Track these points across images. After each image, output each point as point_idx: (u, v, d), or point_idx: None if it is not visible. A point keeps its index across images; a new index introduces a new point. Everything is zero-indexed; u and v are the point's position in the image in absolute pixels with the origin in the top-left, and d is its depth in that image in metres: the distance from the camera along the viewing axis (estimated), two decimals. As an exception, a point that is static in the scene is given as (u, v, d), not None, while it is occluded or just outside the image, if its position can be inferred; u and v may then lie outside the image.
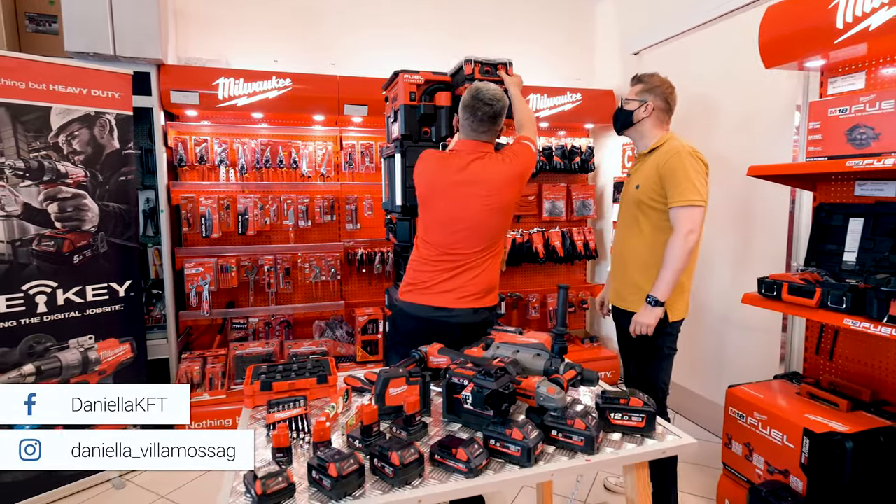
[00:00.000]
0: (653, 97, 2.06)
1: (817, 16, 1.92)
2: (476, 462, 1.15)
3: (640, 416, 1.32)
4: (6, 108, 2.21)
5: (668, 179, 1.93)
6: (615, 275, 2.22)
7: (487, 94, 1.85)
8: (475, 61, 2.38)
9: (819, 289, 1.87)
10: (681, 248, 1.89)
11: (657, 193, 1.97)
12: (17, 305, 2.26)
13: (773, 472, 1.97)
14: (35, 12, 2.80)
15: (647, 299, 1.96)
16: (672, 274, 1.91)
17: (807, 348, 2.36)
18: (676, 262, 1.90)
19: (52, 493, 2.39)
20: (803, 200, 2.42)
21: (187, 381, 3.09)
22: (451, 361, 1.60)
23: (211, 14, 3.35)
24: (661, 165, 1.95)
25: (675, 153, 1.93)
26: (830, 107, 1.93)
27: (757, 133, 2.74)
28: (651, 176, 1.99)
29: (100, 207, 2.51)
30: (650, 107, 2.06)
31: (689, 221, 1.89)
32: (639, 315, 1.99)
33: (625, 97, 2.14)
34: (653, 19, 3.45)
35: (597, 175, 4.13)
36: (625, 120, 2.12)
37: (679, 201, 1.90)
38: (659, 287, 1.93)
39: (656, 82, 2.09)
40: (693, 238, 1.89)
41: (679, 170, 1.90)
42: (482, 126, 1.88)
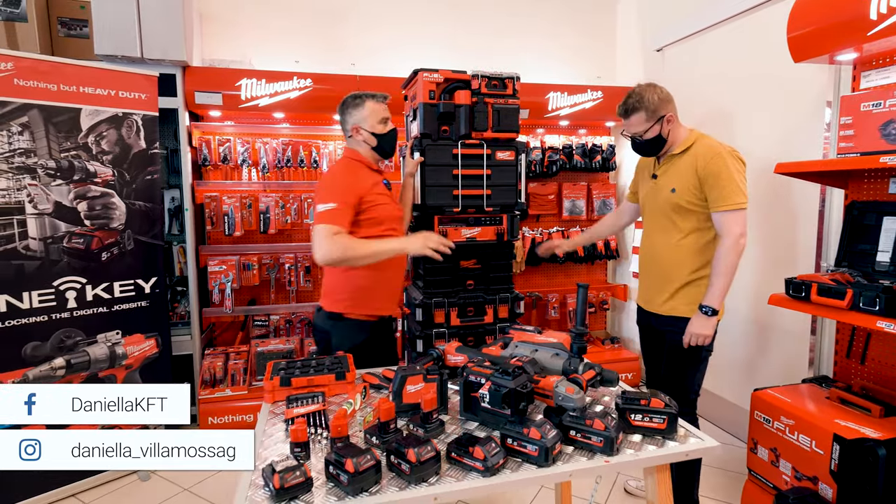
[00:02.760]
0: (663, 109, 1.96)
1: (849, 7, 1.86)
2: (493, 461, 1.14)
3: (662, 417, 1.30)
4: (39, 110, 2.28)
5: (711, 182, 1.87)
6: (647, 281, 2.16)
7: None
8: (482, 76, 2.39)
9: (850, 290, 1.81)
10: (733, 253, 1.86)
11: (696, 196, 1.92)
12: (48, 301, 2.33)
13: (800, 479, 1.91)
14: (67, 17, 2.88)
15: (703, 309, 1.92)
16: (726, 281, 1.89)
17: (837, 351, 2.28)
18: (730, 268, 1.87)
19: (82, 483, 2.46)
20: (833, 198, 2.34)
21: (210, 376, 3.15)
22: (468, 360, 1.60)
23: (234, 16, 3.41)
24: (701, 168, 1.89)
25: (715, 155, 1.88)
26: (863, 101, 1.86)
27: (784, 130, 2.67)
28: (688, 178, 1.93)
29: (126, 206, 2.58)
30: (671, 117, 1.98)
31: (738, 225, 1.86)
32: (695, 326, 1.93)
33: (637, 132, 1.99)
34: (675, 15, 3.38)
35: (618, 174, 4.07)
36: (658, 144, 2.01)
37: (725, 205, 1.86)
38: (713, 295, 1.90)
39: (652, 96, 1.95)
40: (744, 242, 1.87)
41: (723, 172, 1.85)
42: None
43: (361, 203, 1.90)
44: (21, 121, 2.24)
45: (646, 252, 2.17)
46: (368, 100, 2.02)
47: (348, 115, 2.04)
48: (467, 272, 2.55)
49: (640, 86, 1.99)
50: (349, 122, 2.04)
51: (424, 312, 2.46)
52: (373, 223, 1.93)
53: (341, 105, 2.07)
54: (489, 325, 2.56)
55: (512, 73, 2.45)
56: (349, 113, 2.03)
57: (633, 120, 1.98)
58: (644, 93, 1.95)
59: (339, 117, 2.08)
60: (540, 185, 3.83)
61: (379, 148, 2.06)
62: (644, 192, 2.17)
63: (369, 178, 1.99)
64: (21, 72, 2.22)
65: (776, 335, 2.77)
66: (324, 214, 1.82)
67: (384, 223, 1.97)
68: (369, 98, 2.03)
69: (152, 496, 2.47)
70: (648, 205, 2.14)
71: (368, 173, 2.02)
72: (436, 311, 2.46)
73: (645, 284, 2.19)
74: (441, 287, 2.51)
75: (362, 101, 2.02)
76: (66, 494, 2.42)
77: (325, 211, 1.82)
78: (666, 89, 2.00)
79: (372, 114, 2.02)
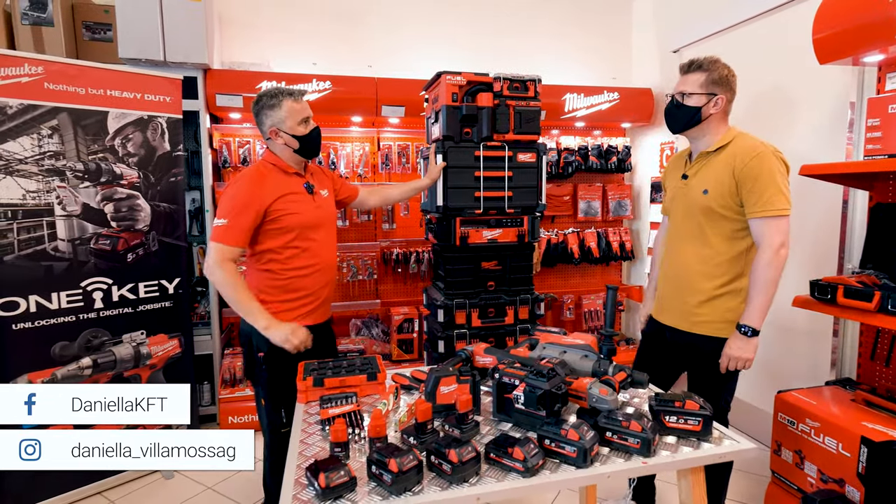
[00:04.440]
0: (721, 89, 1.76)
1: (877, 9, 1.85)
2: (533, 461, 1.15)
3: (697, 419, 1.30)
4: (68, 113, 2.32)
5: (750, 185, 1.68)
6: (667, 291, 1.98)
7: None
8: (503, 78, 2.39)
9: (878, 292, 1.80)
10: (774, 267, 1.66)
11: (732, 200, 1.73)
12: (75, 301, 2.37)
13: (826, 482, 1.91)
14: (91, 21, 2.92)
15: (742, 329, 1.72)
16: (767, 297, 1.69)
17: (861, 354, 2.28)
18: (771, 283, 1.67)
19: (106, 482, 2.50)
20: (857, 200, 2.34)
21: (230, 376, 3.18)
22: (498, 361, 1.61)
23: (253, 20, 3.44)
24: (739, 169, 1.70)
25: (756, 154, 1.68)
26: (891, 103, 1.86)
27: (805, 131, 2.66)
28: (724, 180, 1.73)
29: (151, 207, 2.61)
30: (721, 100, 1.76)
31: (780, 234, 1.65)
32: (734, 349, 1.74)
33: (684, 91, 1.80)
34: (692, 16, 3.38)
35: (633, 175, 4.07)
36: (690, 118, 1.79)
37: (765, 211, 1.66)
38: (754, 315, 1.70)
39: (724, 71, 1.77)
40: (785, 253, 1.66)
41: (764, 174, 1.66)
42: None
43: (267, 213, 1.78)
44: (51, 124, 2.27)
45: (672, 262, 1.96)
46: (286, 98, 1.82)
47: (264, 116, 1.84)
48: (488, 273, 2.57)
49: (720, 58, 1.82)
50: (266, 124, 1.84)
51: (446, 313, 2.47)
52: (280, 233, 1.82)
53: (255, 104, 1.85)
54: (509, 326, 2.57)
55: (533, 76, 2.46)
56: (265, 114, 1.83)
57: (690, 77, 1.80)
58: (719, 61, 1.79)
59: (255, 118, 1.88)
60: (555, 187, 3.84)
61: (301, 150, 1.88)
62: (672, 193, 1.98)
63: (283, 185, 1.84)
64: (51, 76, 2.25)
65: (796, 337, 2.76)
66: (217, 231, 1.75)
67: (294, 231, 1.83)
68: (286, 97, 1.83)
69: (176, 494, 2.50)
70: (676, 207, 1.94)
71: (283, 179, 1.86)
72: (457, 312, 2.47)
73: (663, 294, 2.00)
74: (462, 288, 2.52)
75: (279, 100, 1.81)
76: (93, 492, 2.45)
77: (218, 227, 1.76)
78: (737, 82, 1.82)
79: (291, 114, 1.82)
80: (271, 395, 1.84)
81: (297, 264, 1.86)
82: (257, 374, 1.85)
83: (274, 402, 1.84)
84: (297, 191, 1.87)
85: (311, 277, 1.89)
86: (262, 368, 1.82)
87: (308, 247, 1.87)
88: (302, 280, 1.87)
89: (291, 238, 1.83)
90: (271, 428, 1.87)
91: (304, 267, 1.87)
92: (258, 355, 1.78)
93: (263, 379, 1.83)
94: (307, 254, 1.88)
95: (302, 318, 1.88)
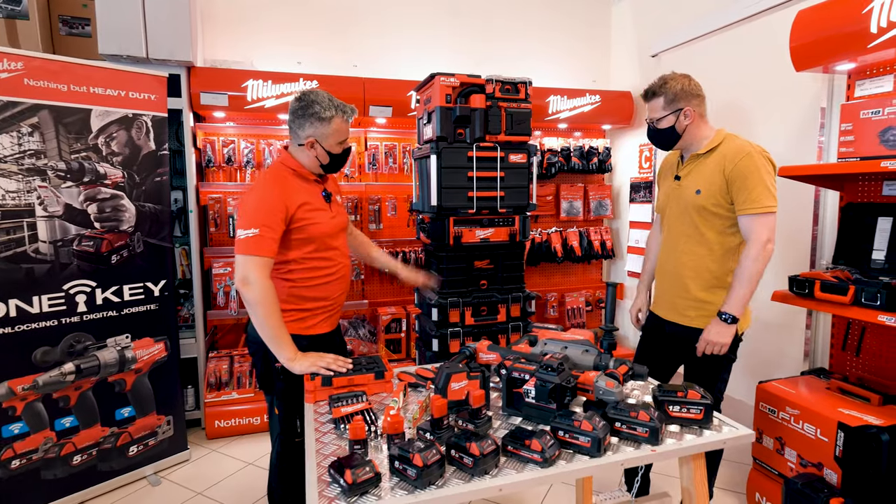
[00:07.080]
0: (684, 101, 1.87)
1: (851, 20, 1.98)
2: (550, 452, 1.19)
3: (699, 408, 1.37)
4: (49, 111, 2.24)
5: (739, 184, 1.77)
6: (665, 286, 2.06)
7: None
8: (496, 80, 2.43)
9: (853, 286, 1.93)
10: (760, 261, 1.76)
11: (723, 199, 1.82)
12: (58, 304, 2.29)
13: (806, 466, 2.03)
14: (68, 15, 2.82)
15: (722, 316, 1.81)
16: (749, 288, 1.79)
17: (833, 345, 2.42)
18: (755, 276, 1.77)
19: (91, 490, 2.42)
20: (828, 200, 2.48)
21: (216, 379, 3.12)
22: (502, 358, 1.65)
23: (236, 17, 3.38)
24: (729, 169, 1.79)
25: (744, 155, 1.78)
26: (863, 109, 1.99)
27: (779, 135, 2.79)
28: (715, 180, 1.83)
29: (136, 208, 2.54)
30: (689, 111, 1.87)
31: (767, 230, 1.76)
32: (712, 334, 1.83)
33: (653, 118, 1.94)
34: (670, 22, 3.50)
35: (613, 175, 4.19)
36: (670, 137, 1.93)
37: (753, 208, 1.76)
38: (735, 303, 1.79)
39: (678, 85, 1.87)
40: (771, 248, 1.77)
41: (752, 173, 1.76)
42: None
43: (292, 221, 1.72)
44: (31, 122, 2.19)
45: (668, 259, 2.04)
46: (338, 115, 1.75)
47: (307, 124, 1.75)
48: (481, 272, 2.61)
49: (672, 73, 1.91)
50: (305, 132, 1.75)
51: (440, 312, 2.50)
52: (302, 242, 1.76)
53: (299, 109, 1.75)
54: (502, 323, 2.62)
55: (524, 78, 2.52)
56: (310, 122, 1.74)
57: (652, 105, 1.92)
58: (670, 80, 1.88)
59: (291, 120, 1.78)
60: (539, 187, 3.91)
61: (329, 166, 1.83)
62: (666, 193, 2.07)
63: (304, 193, 1.77)
64: (31, 72, 2.17)
65: (769, 330, 2.89)
66: (248, 242, 1.63)
67: (316, 241, 1.78)
68: (340, 113, 1.76)
69: (165, 501, 2.45)
70: (670, 207, 2.03)
71: (304, 186, 1.79)
72: (451, 310, 2.50)
73: (661, 290, 2.09)
74: (455, 287, 2.56)
75: (331, 115, 1.74)
76: (76, 502, 2.37)
77: (250, 238, 1.63)
78: (698, 85, 1.91)
79: (337, 133, 1.77)
80: (287, 404, 1.81)
81: (319, 273, 1.82)
82: (273, 384, 1.82)
83: (289, 411, 1.82)
84: (317, 199, 1.82)
85: (332, 285, 1.86)
86: (279, 379, 1.77)
87: (330, 255, 1.84)
88: (323, 288, 1.84)
89: (314, 248, 1.79)
90: (284, 437, 1.85)
91: (326, 276, 1.84)
92: (275, 366, 1.74)
93: (279, 389, 1.79)
94: (329, 262, 1.84)
95: (320, 324, 1.86)
